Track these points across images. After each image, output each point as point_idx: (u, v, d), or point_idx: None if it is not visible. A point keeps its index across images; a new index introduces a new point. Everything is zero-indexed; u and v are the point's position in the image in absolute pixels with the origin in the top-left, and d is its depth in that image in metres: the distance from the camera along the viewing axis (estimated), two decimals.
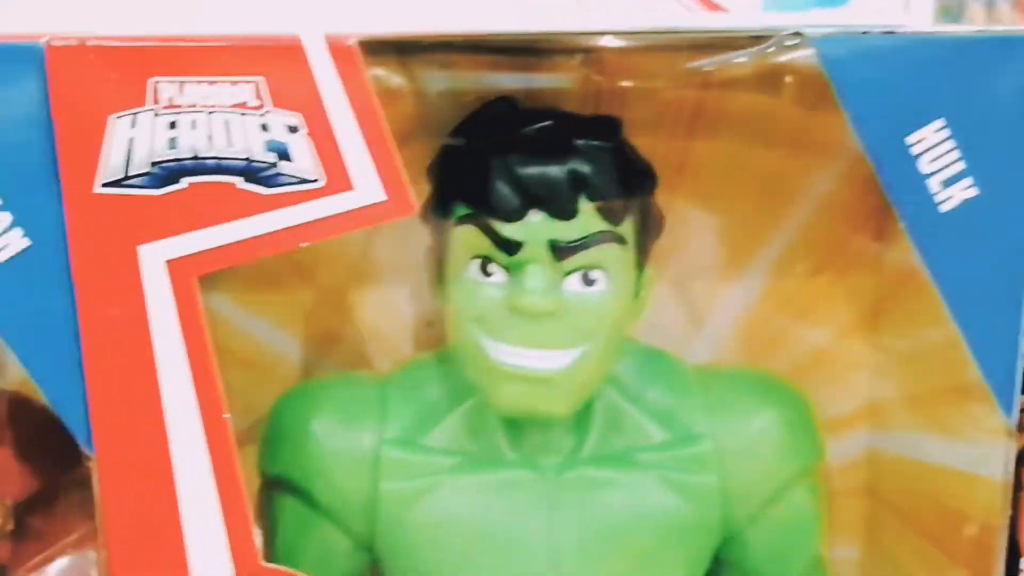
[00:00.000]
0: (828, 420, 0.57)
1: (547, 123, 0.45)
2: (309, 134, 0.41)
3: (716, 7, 0.43)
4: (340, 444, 0.50)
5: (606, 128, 0.47)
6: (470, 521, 0.49)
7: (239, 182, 0.41)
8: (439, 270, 0.49)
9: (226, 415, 0.43)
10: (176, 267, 0.42)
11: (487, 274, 0.46)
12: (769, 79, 0.47)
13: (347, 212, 0.42)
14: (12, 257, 0.42)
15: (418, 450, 0.50)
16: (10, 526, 0.51)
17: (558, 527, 0.49)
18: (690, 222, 0.56)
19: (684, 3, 0.43)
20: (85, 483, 0.55)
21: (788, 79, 0.46)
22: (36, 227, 0.42)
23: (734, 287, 0.59)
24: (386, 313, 0.58)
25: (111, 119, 0.40)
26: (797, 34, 0.41)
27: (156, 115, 0.40)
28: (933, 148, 0.43)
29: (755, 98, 0.51)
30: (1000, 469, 0.48)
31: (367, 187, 0.41)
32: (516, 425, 0.50)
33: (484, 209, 0.45)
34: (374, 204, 0.41)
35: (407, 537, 0.49)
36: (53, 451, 0.53)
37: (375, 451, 0.49)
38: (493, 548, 0.49)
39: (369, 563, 0.52)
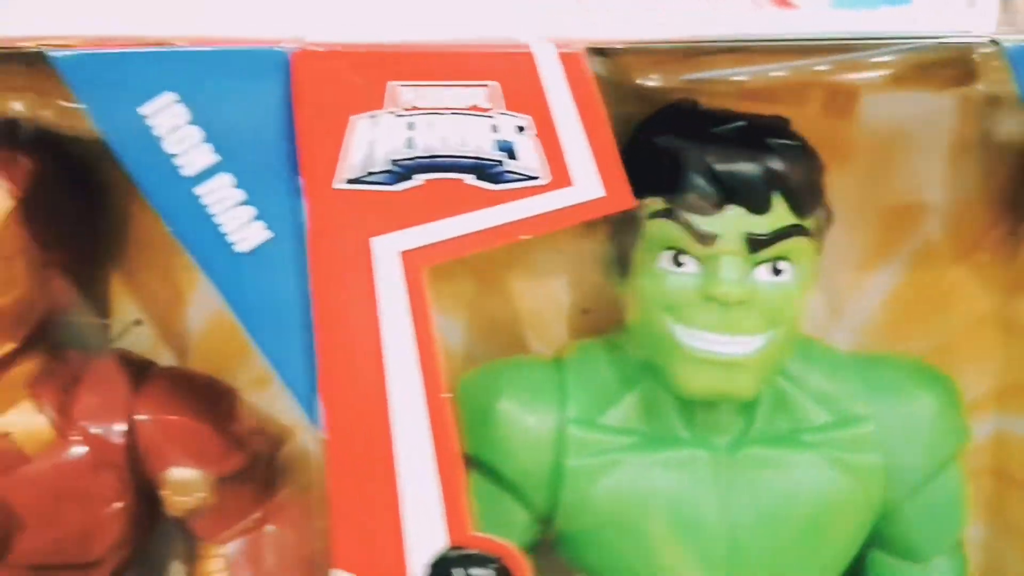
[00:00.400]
0: None
1: (740, 123, 0.48)
2: (535, 134, 0.44)
3: (787, 4, 0.46)
4: (525, 423, 0.53)
5: (782, 126, 0.50)
6: (650, 496, 0.52)
7: (469, 179, 0.44)
8: (621, 260, 0.52)
9: (446, 395, 0.47)
10: (409, 258, 0.45)
11: (679, 264, 0.49)
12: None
13: (567, 207, 0.45)
14: (254, 248, 0.45)
15: (600, 429, 0.53)
16: (213, 500, 0.54)
17: (732, 503, 0.52)
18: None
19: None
20: (271, 462, 0.59)
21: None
22: (276, 220, 0.45)
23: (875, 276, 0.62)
24: (543, 300, 0.62)
25: (353, 120, 0.43)
26: (993, 42, 0.43)
27: (396, 116, 0.44)
28: None
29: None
30: None
31: (587, 183, 0.44)
32: (689, 406, 0.53)
33: (680, 203, 0.48)
34: (593, 200, 0.45)
35: (590, 511, 0.53)
36: (260, 432, 0.56)
37: (560, 430, 0.53)
38: (672, 522, 0.52)
39: (541, 535, 0.56)
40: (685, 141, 0.48)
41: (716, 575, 0.53)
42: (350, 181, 0.44)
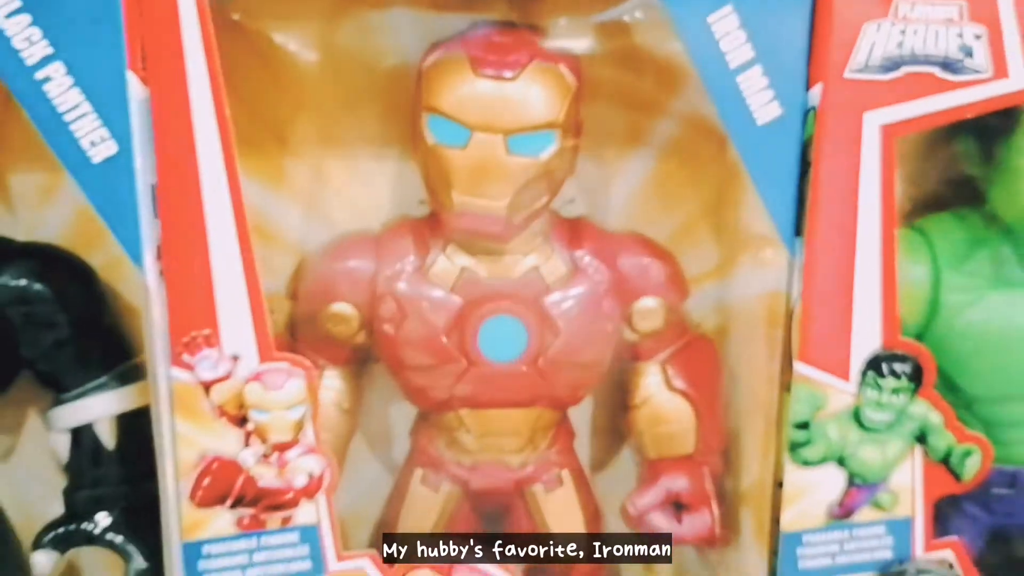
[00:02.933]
0: None
1: None
2: (988, 41, 0.61)
3: None
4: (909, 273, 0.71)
5: None
6: (1008, 324, 0.70)
7: (938, 72, 0.62)
8: (988, 148, 0.69)
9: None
10: (887, 130, 0.62)
11: None
12: None
13: (1004, 95, 0.62)
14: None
15: (965, 274, 0.70)
16: (663, 326, 0.71)
17: None
18: None
19: None
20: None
21: None
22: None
23: None
24: None
25: (865, 25, 0.61)
26: None
27: (892, 24, 0.61)
28: None
29: None
30: None
31: (1019, 78, 0.62)
32: None
33: None
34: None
35: (956, 338, 0.70)
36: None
37: (936, 273, 0.70)
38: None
39: None
40: None
41: None
42: (855, 71, 0.61)
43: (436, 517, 0.72)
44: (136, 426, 0.68)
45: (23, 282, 0.66)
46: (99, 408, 0.68)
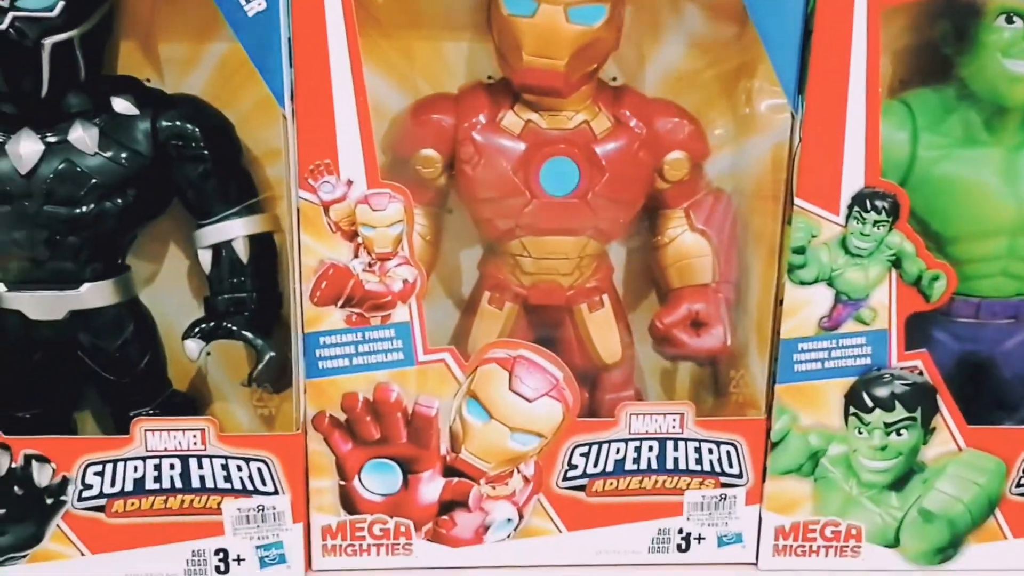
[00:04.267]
0: None
1: None
2: None
3: None
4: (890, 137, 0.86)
5: None
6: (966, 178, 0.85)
7: None
8: (960, 31, 0.84)
9: None
10: (873, 2, 0.77)
11: (1011, 22, 0.80)
12: None
13: None
14: None
15: (939, 134, 0.85)
16: (687, 177, 0.87)
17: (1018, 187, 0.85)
18: None
19: None
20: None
21: None
22: None
23: None
24: None
25: None
26: None
27: None
28: None
29: None
30: None
31: None
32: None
33: None
34: None
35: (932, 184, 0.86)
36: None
37: (915, 134, 0.85)
38: (979, 190, 0.85)
39: None
40: None
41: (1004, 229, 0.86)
42: None
43: (500, 329, 0.89)
44: (263, 246, 0.86)
45: (179, 123, 0.83)
46: (236, 229, 0.85)
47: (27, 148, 0.79)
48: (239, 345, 0.87)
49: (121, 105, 0.81)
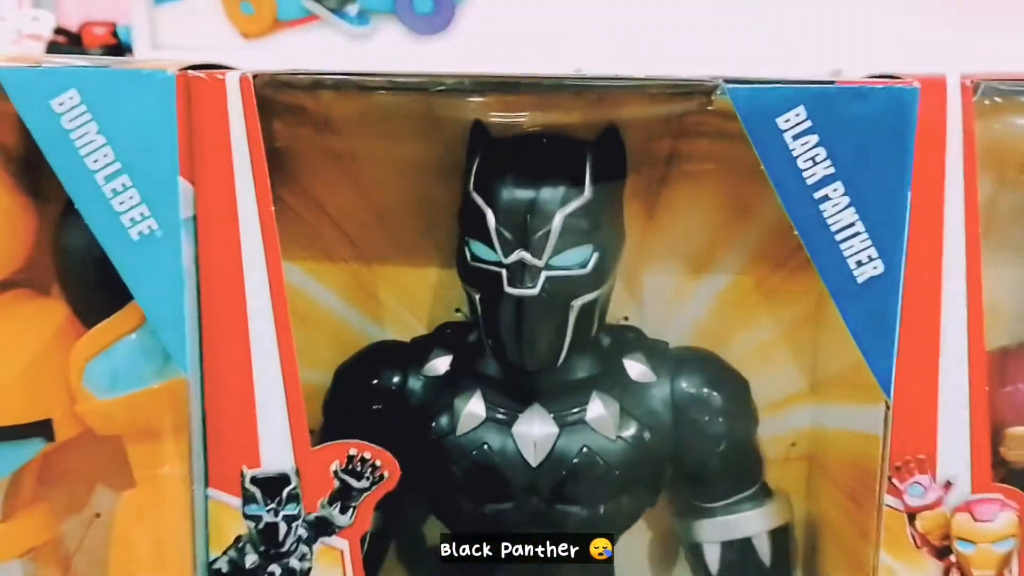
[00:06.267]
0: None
1: None
2: None
3: None
4: None
5: None
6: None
7: None
8: None
9: None
10: None
11: None
12: None
13: None
14: None
15: None
16: None
17: None
18: None
19: None
20: None
21: None
22: None
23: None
24: None
25: None
26: None
27: None
28: None
29: None
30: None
31: None
32: None
33: None
34: None
35: None
36: None
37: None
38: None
39: None
40: None
41: None
42: None
43: None
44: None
45: (700, 390, 0.66)
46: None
47: (540, 430, 0.62)
48: None
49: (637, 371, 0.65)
